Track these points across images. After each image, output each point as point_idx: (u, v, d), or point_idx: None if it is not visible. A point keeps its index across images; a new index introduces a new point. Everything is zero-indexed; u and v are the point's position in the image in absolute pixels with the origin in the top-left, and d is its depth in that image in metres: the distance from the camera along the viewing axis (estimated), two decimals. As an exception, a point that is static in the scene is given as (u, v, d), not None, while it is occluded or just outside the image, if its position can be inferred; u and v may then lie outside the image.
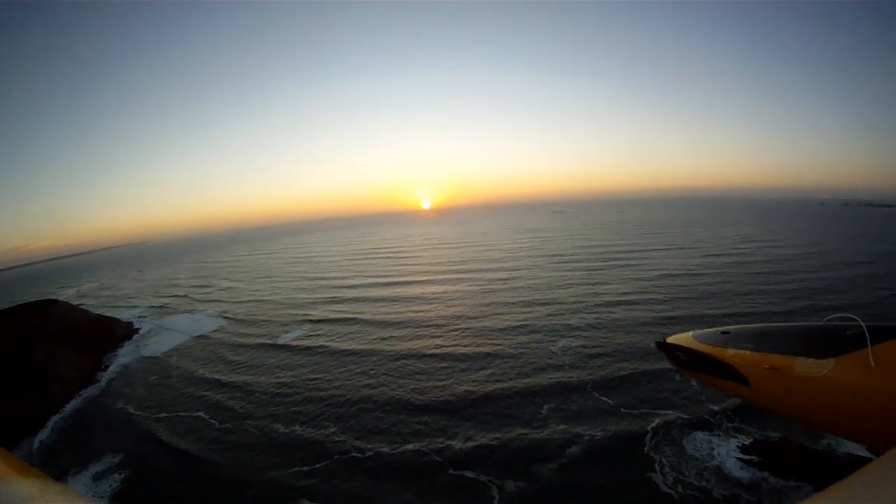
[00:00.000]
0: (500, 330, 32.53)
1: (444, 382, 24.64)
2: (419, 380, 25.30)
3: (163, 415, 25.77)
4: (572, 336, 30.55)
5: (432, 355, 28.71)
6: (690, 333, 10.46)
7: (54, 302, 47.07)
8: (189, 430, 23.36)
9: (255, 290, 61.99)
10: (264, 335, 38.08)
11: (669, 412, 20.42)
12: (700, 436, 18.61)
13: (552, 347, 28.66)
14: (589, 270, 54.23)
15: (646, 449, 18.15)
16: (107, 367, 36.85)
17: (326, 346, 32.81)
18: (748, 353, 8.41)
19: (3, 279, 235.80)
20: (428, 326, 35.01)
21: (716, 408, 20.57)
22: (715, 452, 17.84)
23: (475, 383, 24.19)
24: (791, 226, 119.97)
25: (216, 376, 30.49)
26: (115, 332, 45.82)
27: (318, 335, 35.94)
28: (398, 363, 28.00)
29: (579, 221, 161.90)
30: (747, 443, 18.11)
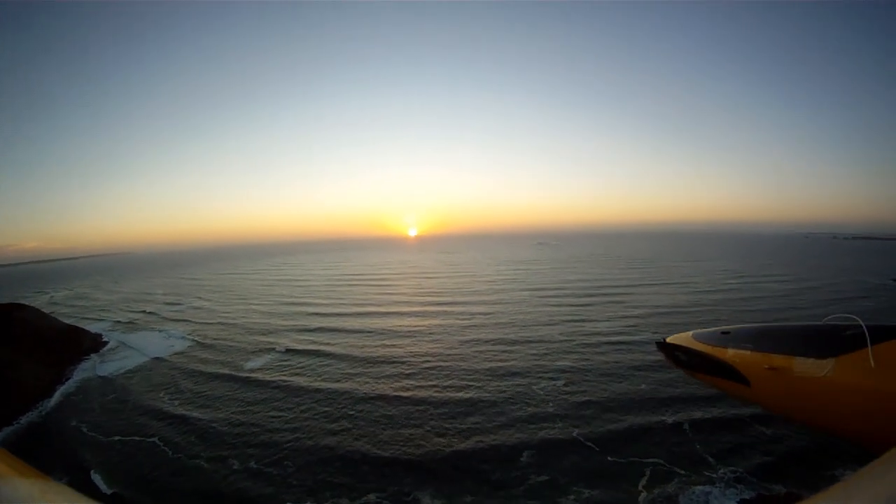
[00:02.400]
0: (479, 371, 30.25)
1: (414, 431, 22.23)
2: (387, 426, 22.90)
3: (116, 438, 24.00)
4: (558, 379, 28.42)
5: (404, 398, 26.22)
6: (690, 333, 11.00)
7: (24, 307, 45.34)
8: (140, 457, 21.67)
9: (227, 312, 59.71)
10: (229, 363, 35.71)
11: (663, 463, 18.70)
12: (698, 490, 16.91)
13: (536, 391, 26.48)
14: (575, 306, 52.43)
15: (639, 508, 16.19)
16: (67, 380, 35.14)
17: (290, 381, 30.35)
18: (748, 353, 8.74)
19: None
20: (401, 364, 32.62)
21: (712, 458, 18.86)
22: (714, 510, 16.10)
23: (449, 433, 21.80)
24: (779, 259, 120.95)
25: (175, 402, 28.58)
26: (82, 344, 43.87)
27: (283, 367, 33.54)
28: (366, 405, 25.54)
29: (564, 254, 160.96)
30: (748, 497, 16.67)
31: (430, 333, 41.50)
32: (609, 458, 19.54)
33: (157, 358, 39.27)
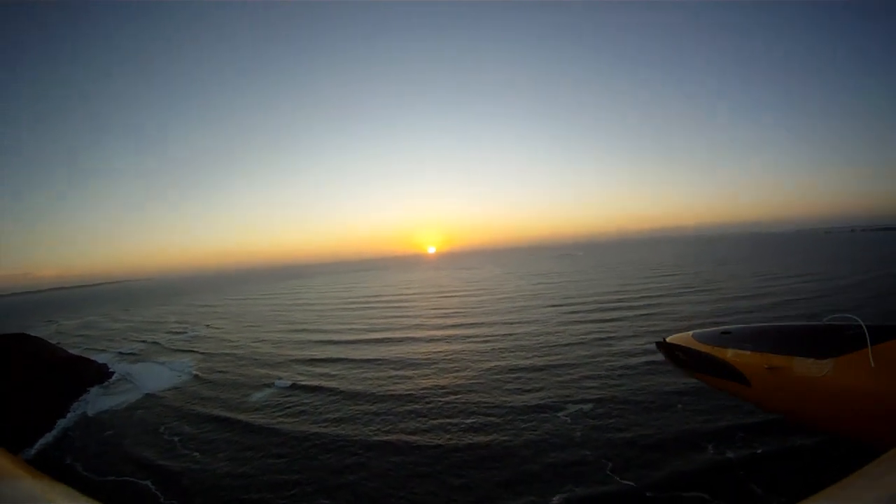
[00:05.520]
0: (502, 407, 26.63)
1: (427, 486, 18.84)
2: (397, 480, 19.49)
3: (110, 478, 22.37)
4: (588, 411, 25.09)
5: (418, 444, 22.78)
6: (690, 333, 10.70)
7: (26, 337, 44.29)
8: (132, 502, 19.98)
9: (235, 341, 57.26)
10: (229, 401, 32.95)
11: (707, 498, 15.81)
12: None
13: (565, 427, 23.15)
14: (601, 321, 49.06)
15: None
16: (67, 413, 33.63)
17: (292, 423, 27.26)
18: (748, 353, 9.34)
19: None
20: (415, 401, 29.18)
21: (760, 488, 15.96)
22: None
23: (470, 488, 18.43)
24: (805, 258, 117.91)
25: (172, 443, 26.24)
26: (85, 376, 42.05)
27: (286, 406, 30.52)
28: (374, 453, 22.22)
29: (588, 264, 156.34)
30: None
31: (447, 361, 38.23)
32: (642, 487, 17.17)
33: (157, 393, 37.02)
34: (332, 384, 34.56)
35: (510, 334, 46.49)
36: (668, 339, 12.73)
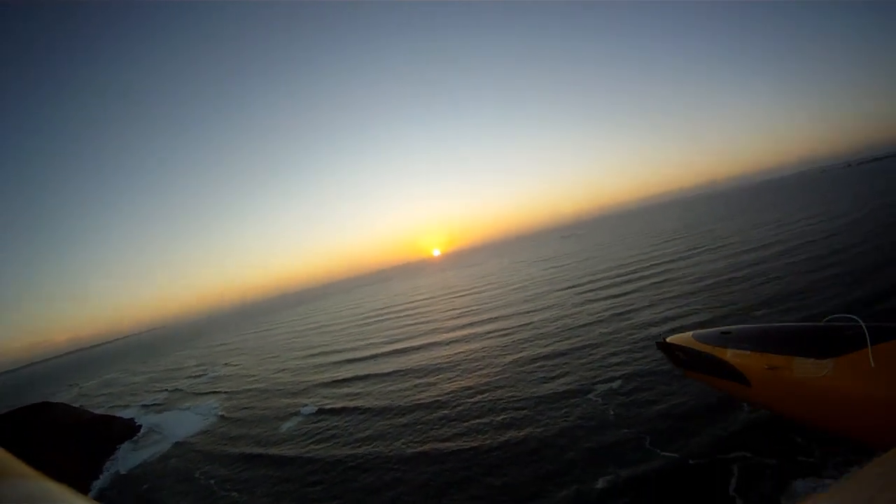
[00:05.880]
0: (530, 399, 26.28)
1: (470, 491, 18.59)
2: (435, 492, 19.23)
3: None
4: (617, 388, 24.82)
5: (452, 450, 22.40)
6: (690, 333, 11.40)
7: (51, 405, 43.97)
8: None
9: (255, 375, 57.05)
10: (258, 436, 32.70)
11: (750, 456, 15.47)
12: (800, 485, 14.19)
13: (596, 408, 22.93)
14: (615, 297, 48.54)
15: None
16: (101, 474, 33.69)
17: (323, 449, 26.91)
18: (748, 353, 9.54)
19: (19, 379, 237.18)
20: (444, 406, 28.83)
21: (801, 439, 15.32)
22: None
23: (512, 488, 18.01)
24: (806, 200, 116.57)
25: (207, 489, 26.06)
26: (113, 433, 41.82)
27: (316, 433, 30.09)
28: (409, 466, 21.94)
29: (591, 241, 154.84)
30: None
31: (469, 361, 37.91)
32: (684, 455, 16.91)
33: (187, 440, 36.82)
34: (358, 403, 34.37)
35: (528, 323, 46.09)
36: (668, 339, 12.74)
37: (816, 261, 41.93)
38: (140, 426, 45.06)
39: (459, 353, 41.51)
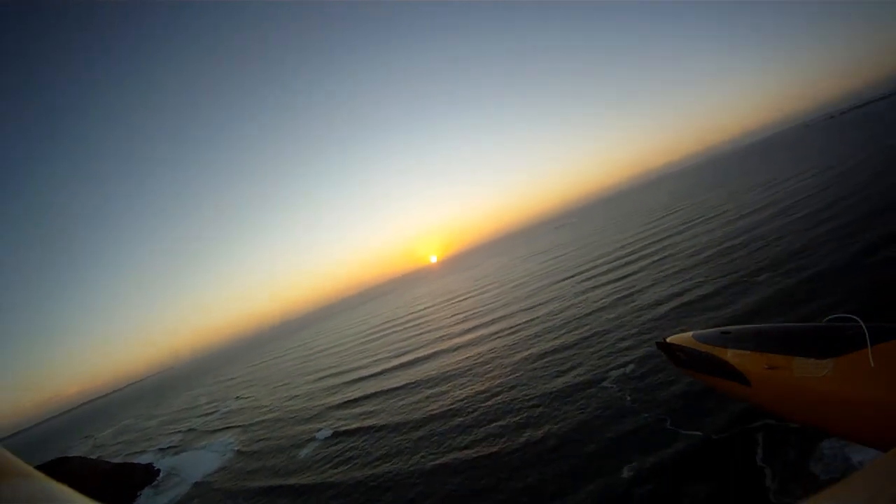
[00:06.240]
0: (544, 396, 25.91)
1: (498, 496, 18.25)
2: (464, 502, 18.92)
3: None
4: (626, 366, 24.96)
5: (473, 458, 22.06)
6: (690, 333, 11.06)
7: (68, 459, 43.59)
8: None
9: (267, 405, 56.66)
10: (276, 468, 32.47)
11: (773, 423, 15.41)
12: (826, 446, 13.95)
13: (612, 395, 22.71)
14: (616, 281, 48.19)
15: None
16: None
17: (343, 473, 26.54)
18: (748, 353, 9.21)
19: (31, 438, 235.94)
20: (459, 413, 28.47)
21: None
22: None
23: (536, 490, 17.70)
24: (793, 157, 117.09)
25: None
26: (133, 481, 41.66)
27: (333, 457, 29.70)
28: (432, 480, 21.62)
29: (584, 229, 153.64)
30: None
31: (479, 364, 37.51)
32: (707, 434, 16.77)
33: (206, 479, 36.53)
34: (372, 421, 34.01)
35: (532, 319, 45.77)
36: (668, 339, 12.60)
37: (811, 217, 41.91)
38: (159, 470, 44.77)
39: (468, 357, 41.15)
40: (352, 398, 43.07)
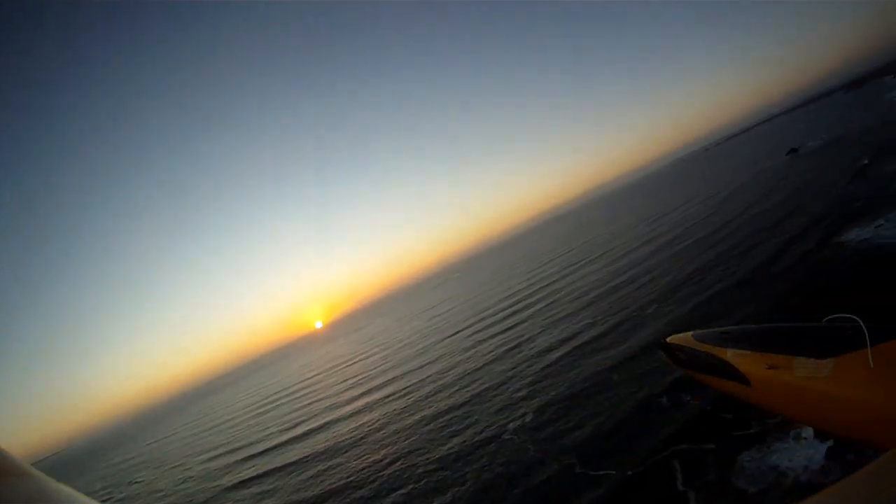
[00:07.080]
0: (445, 459, 24.82)
1: None
2: None
3: None
4: (525, 416, 24.62)
5: None
6: (690, 333, 9.40)
7: None
8: None
9: (162, 489, 51.67)
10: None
11: (686, 447, 15.86)
12: (746, 458, 14.08)
13: (514, 448, 22.07)
14: (504, 331, 48.33)
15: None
16: None
17: None
18: (748, 353, 7.47)
19: None
20: (360, 487, 26.47)
21: (731, 415, 15.77)
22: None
23: None
24: (679, 189, 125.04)
25: None
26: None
27: None
28: None
29: (468, 282, 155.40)
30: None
31: (373, 431, 35.89)
32: (629, 473, 16.41)
33: None
34: (270, 502, 31.60)
35: (423, 378, 44.94)
36: (668, 340, 12.14)
37: (700, 243, 44.80)
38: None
39: (361, 424, 39.52)
40: (246, 477, 40.03)
